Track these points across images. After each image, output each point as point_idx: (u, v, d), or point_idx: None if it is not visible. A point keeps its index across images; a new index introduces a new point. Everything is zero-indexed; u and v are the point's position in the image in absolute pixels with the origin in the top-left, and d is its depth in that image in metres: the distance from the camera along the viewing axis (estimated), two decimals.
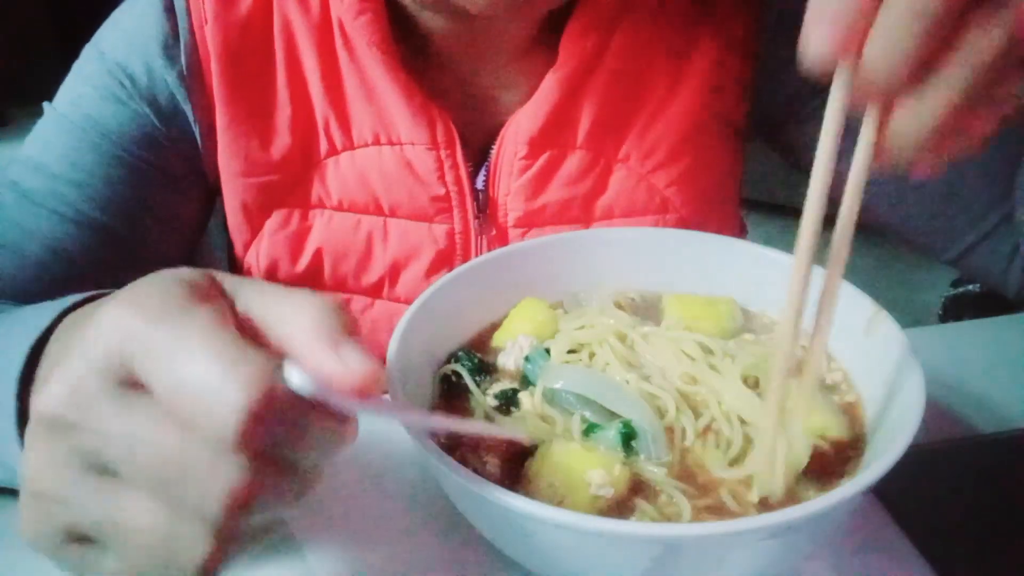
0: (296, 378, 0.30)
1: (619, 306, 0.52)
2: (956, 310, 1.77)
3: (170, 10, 0.61)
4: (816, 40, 0.31)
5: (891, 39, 0.31)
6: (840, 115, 0.34)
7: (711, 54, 0.64)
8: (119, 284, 0.56)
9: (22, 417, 0.42)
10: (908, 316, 0.47)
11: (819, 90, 0.35)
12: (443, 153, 0.62)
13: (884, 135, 0.34)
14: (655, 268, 0.54)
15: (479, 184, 0.65)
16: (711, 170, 0.67)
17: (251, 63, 0.62)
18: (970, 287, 1.76)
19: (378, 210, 0.64)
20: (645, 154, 0.64)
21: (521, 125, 0.63)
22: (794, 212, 0.37)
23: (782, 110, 0.69)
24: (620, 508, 0.40)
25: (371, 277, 0.66)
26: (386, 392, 0.42)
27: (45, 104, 0.65)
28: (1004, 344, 0.65)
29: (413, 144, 0.62)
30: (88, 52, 0.64)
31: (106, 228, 0.63)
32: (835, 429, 0.43)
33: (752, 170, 0.71)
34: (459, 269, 0.51)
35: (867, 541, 0.47)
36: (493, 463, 0.42)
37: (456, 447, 0.43)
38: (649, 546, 0.36)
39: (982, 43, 0.31)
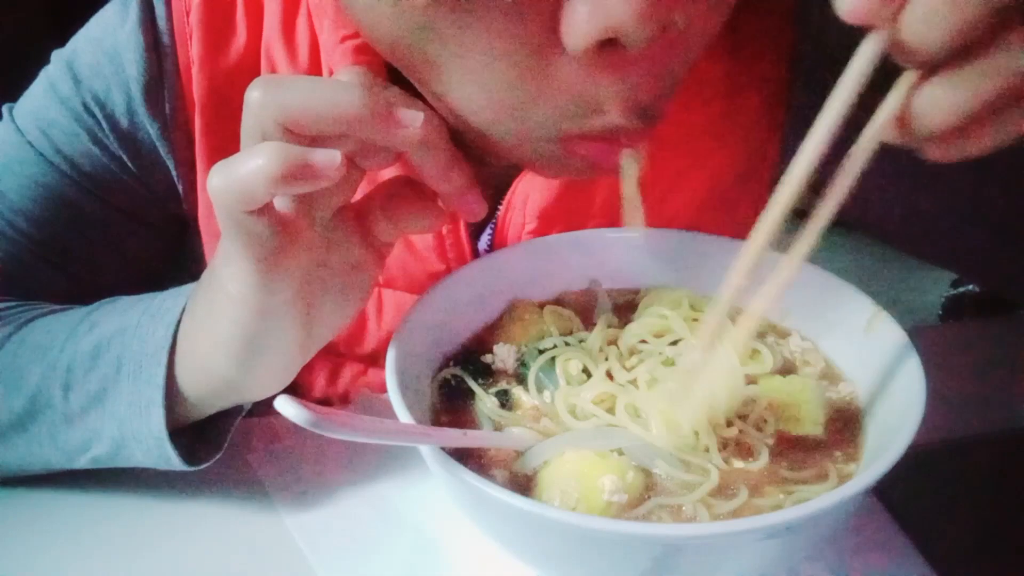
0: (291, 410, 0.31)
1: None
2: (956, 310, 1.77)
3: (153, 48, 0.56)
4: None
5: (942, 6, 0.28)
6: (860, 76, 0.32)
7: (742, 126, 0.59)
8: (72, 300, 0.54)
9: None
10: (908, 316, 0.47)
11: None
12: (444, 229, 0.56)
13: (910, 104, 0.32)
14: (652, 268, 0.54)
15: (483, 244, 0.60)
16: (732, 229, 0.59)
17: (237, 116, 0.53)
18: (970, 287, 1.76)
19: None
20: (664, 223, 0.58)
21: (531, 196, 0.56)
22: (796, 214, 0.37)
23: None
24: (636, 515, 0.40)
25: (365, 348, 0.63)
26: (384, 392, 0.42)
27: (4, 109, 0.60)
28: (1004, 344, 0.65)
29: None
30: (61, 68, 0.59)
31: (65, 266, 0.60)
32: (808, 425, 0.44)
33: None
34: (452, 276, 0.51)
35: (867, 541, 0.47)
36: (501, 475, 0.42)
37: (463, 459, 0.43)
38: (649, 546, 0.35)
39: None
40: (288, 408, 0.32)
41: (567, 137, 0.41)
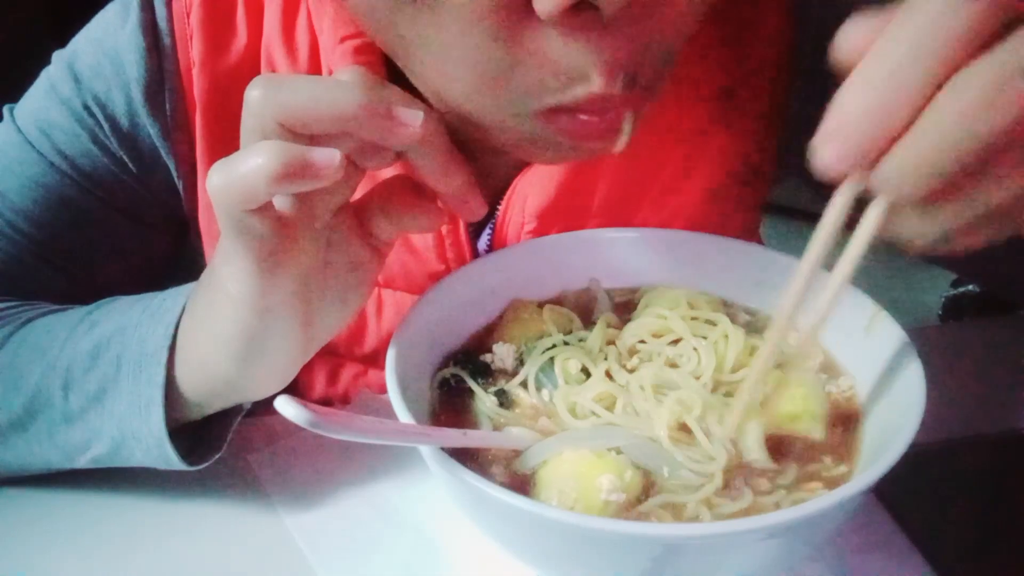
0: (291, 410, 0.32)
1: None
2: (956, 310, 1.76)
3: (154, 49, 0.56)
4: (827, 155, 0.30)
5: (914, 166, 0.29)
6: (838, 219, 0.34)
7: (741, 122, 0.58)
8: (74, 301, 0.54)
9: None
10: (908, 316, 0.47)
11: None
12: (444, 229, 0.56)
13: (890, 224, 0.33)
14: (651, 268, 0.54)
15: (483, 244, 0.60)
16: (732, 231, 0.59)
17: (238, 116, 0.49)
18: (970, 287, 1.76)
19: None
20: (664, 221, 0.59)
21: (529, 197, 0.56)
22: (797, 214, 0.37)
23: None
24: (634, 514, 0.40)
25: (365, 348, 0.63)
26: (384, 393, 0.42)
27: (5, 109, 0.60)
28: (1004, 344, 0.65)
29: None
30: (62, 69, 0.58)
31: (65, 266, 0.60)
32: (808, 420, 0.43)
33: None
34: (452, 276, 0.51)
35: (867, 541, 0.47)
36: (500, 474, 0.42)
37: (462, 459, 0.43)
38: (648, 546, 0.36)
39: (1008, 182, 0.30)
40: (288, 408, 0.32)
41: (550, 112, 0.41)
